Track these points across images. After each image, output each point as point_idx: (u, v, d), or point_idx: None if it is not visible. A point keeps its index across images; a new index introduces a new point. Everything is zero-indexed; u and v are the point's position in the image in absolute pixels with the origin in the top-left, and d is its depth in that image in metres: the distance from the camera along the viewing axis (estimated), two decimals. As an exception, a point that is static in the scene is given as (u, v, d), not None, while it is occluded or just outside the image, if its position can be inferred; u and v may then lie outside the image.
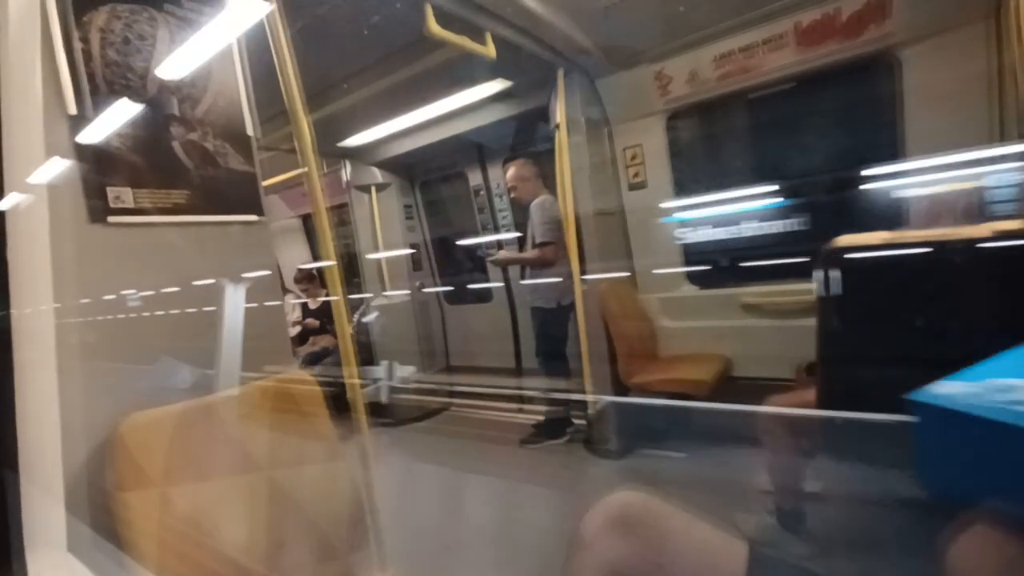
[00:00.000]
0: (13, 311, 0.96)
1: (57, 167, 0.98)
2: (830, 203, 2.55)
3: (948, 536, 0.74)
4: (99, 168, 1.02)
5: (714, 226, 2.90)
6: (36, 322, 0.96)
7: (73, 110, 0.99)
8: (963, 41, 1.98)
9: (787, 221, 2.69)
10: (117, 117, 1.05)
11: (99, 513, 0.93)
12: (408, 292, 4.13)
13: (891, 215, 1.76)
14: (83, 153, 1.00)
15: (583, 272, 2.72)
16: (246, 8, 1.30)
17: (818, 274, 1.27)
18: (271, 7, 1.33)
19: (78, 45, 1.00)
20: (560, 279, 2.87)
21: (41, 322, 0.95)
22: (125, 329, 1.04)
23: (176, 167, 1.15)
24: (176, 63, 1.16)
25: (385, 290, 4.03)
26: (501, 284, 4.10)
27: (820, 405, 1.36)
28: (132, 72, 1.09)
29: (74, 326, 0.97)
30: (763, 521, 1.68)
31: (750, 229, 2.79)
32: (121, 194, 1.04)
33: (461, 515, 2.27)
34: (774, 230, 2.71)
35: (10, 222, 0.97)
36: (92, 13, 1.03)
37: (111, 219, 1.03)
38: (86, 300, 0.99)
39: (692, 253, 2.95)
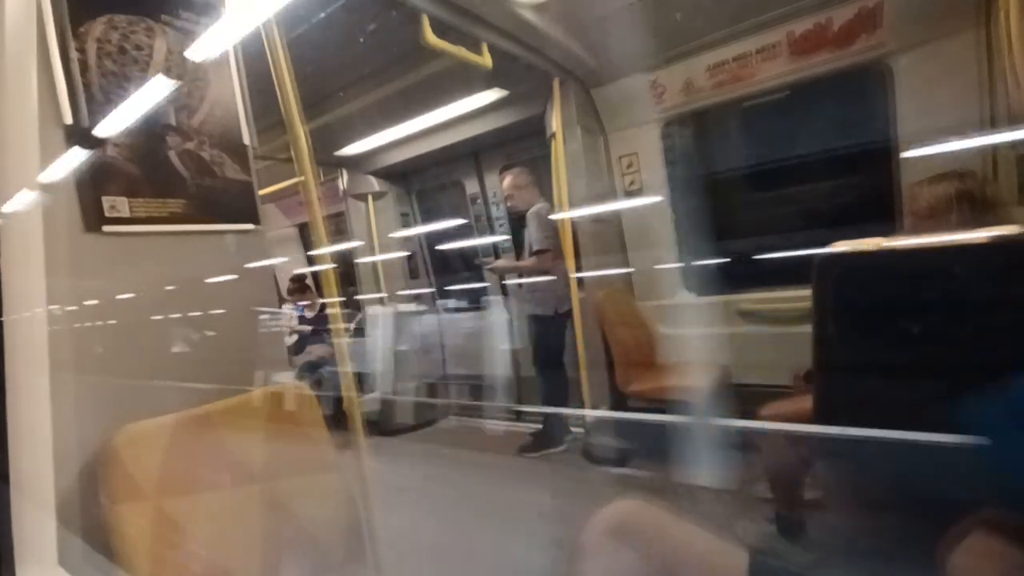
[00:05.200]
0: (6, 320, 0.95)
1: (52, 176, 0.97)
2: (824, 209, 2.57)
3: (949, 543, 0.74)
4: (94, 177, 1.02)
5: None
6: (29, 332, 0.95)
7: (69, 119, 0.99)
8: (954, 49, 2.01)
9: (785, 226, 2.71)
10: (113, 126, 1.05)
11: (91, 526, 0.91)
12: (404, 301, 4.12)
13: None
14: (78, 162, 1.00)
15: (579, 280, 2.72)
16: (243, 18, 1.30)
17: (814, 280, 1.27)
18: (268, 17, 1.33)
19: (74, 55, 1.00)
20: (557, 287, 2.88)
21: (34, 332, 0.95)
22: (119, 339, 1.03)
23: (172, 176, 1.15)
24: (173, 73, 1.16)
25: (382, 299, 4.03)
26: (498, 292, 4.10)
27: (816, 413, 1.36)
28: (128, 82, 1.09)
29: (68, 336, 0.96)
30: (763, 529, 1.67)
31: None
32: (116, 203, 1.04)
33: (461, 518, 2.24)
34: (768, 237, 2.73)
35: (4, 231, 0.97)
36: (89, 23, 1.03)
37: (106, 228, 1.02)
38: (80, 310, 0.98)
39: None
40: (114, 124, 1.05)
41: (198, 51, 1.21)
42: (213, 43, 1.24)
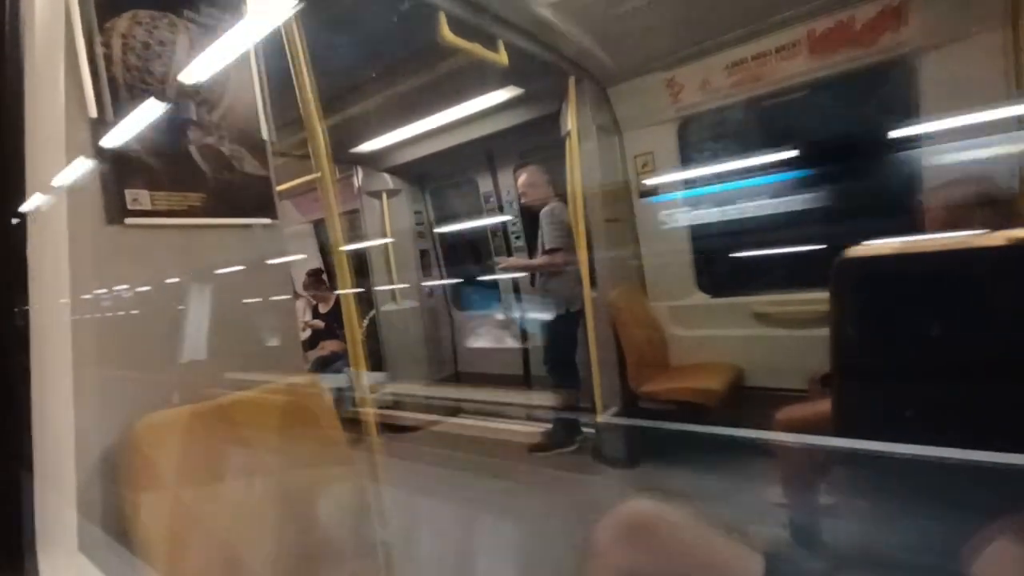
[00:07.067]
0: (32, 310, 0.97)
1: (77, 169, 0.99)
2: (844, 209, 2.52)
3: (972, 550, 0.72)
4: (118, 170, 1.03)
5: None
6: (53, 322, 0.97)
7: (94, 113, 1.00)
8: (980, 48, 1.96)
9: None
10: (136, 120, 1.07)
11: (111, 514, 0.93)
12: (418, 292, 4.15)
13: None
14: (102, 155, 1.01)
15: (592, 278, 2.71)
16: (263, 15, 1.32)
17: (832, 284, 1.25)
18: (288, 14, 1.35)
19: (100, 50, 1.02)
20: (568, 285, 2.87)
21: (58, 322, 0.96)
22: (140, 330, 1.05)
23: (192, 170, 1.16)
24: (195, 68, 1.17)
25: (395, 296, 4.05)
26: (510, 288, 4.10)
27: (834, 418, 1.34)
28: (152, 77, 1.10)
29: (90, 326, 0.97)
30: (777, 534, 1.65)
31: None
32: (138, 196, 1.06)
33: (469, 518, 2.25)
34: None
35: (31, 222, 0.98)
36: (115, 19, 1.05)
37: (128, 220, 1.04)
38: (103, 301, 1.00)
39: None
40: (137, 118, 1.07)
41: (219, 47, 1.22)
42: (234, 39, 1.25)
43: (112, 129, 1.02)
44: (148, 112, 1.08)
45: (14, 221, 0.98)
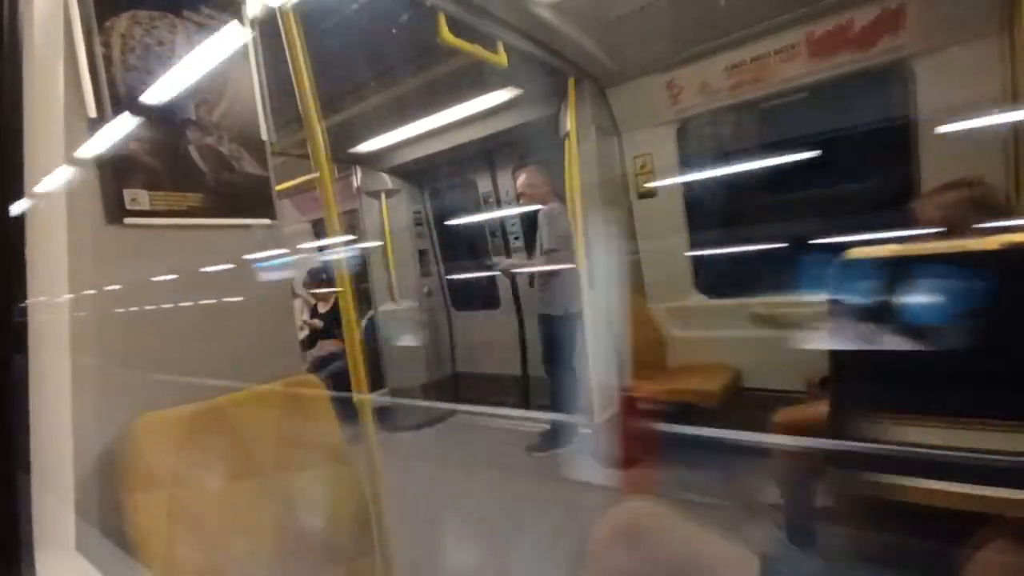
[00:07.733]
0: (30, 310, 0.97)
1: (76, 169, 0.99)
2: (842, 213, 2.53)
3: (967, 553, 0.73)
4: (116, 170, 1.03)
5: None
6: (52, 322, 0.97)
7: (93, 113, 1.00)
8: (977, 53, 1.97)
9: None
10: (135, 121, 1.07)
11: (108, 513, 0.93)
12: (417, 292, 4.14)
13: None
14: (101, 155, 1.01)
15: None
16: (262, 14, 1.32)
17: (831, 286, 1.25)
18: (287, 14, 1.34)
19: (99, 50, 1.02)
20: (567, 286, 2.87)
21: (57, 322, 0.96)
22: (139, 330, 1.05)
23: (191, 170, 1.16)
24: (194, 68, 1.17)
25: (393, 296, 4.04)
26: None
27: (831, 419, 1.34)
28: (151, 76, 1.10)
29: (89, 326, 0.98)
30: (772, 535, 1.65)
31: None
32: (137, 196, 1.06)
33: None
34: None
35: (29, 222, 0.98)
36: (114, 19, 1.05)
37: (127, 220, 1.04)
38: (101, 301, 1.00)
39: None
40: (136, 118, 1.07)
41: (218, 46, 1.22)
42: (233, 39, 1.25)
43: (111, 129, 1.02)
44: (147, 112, 1.08)
45: (13, 221, 0.98)
